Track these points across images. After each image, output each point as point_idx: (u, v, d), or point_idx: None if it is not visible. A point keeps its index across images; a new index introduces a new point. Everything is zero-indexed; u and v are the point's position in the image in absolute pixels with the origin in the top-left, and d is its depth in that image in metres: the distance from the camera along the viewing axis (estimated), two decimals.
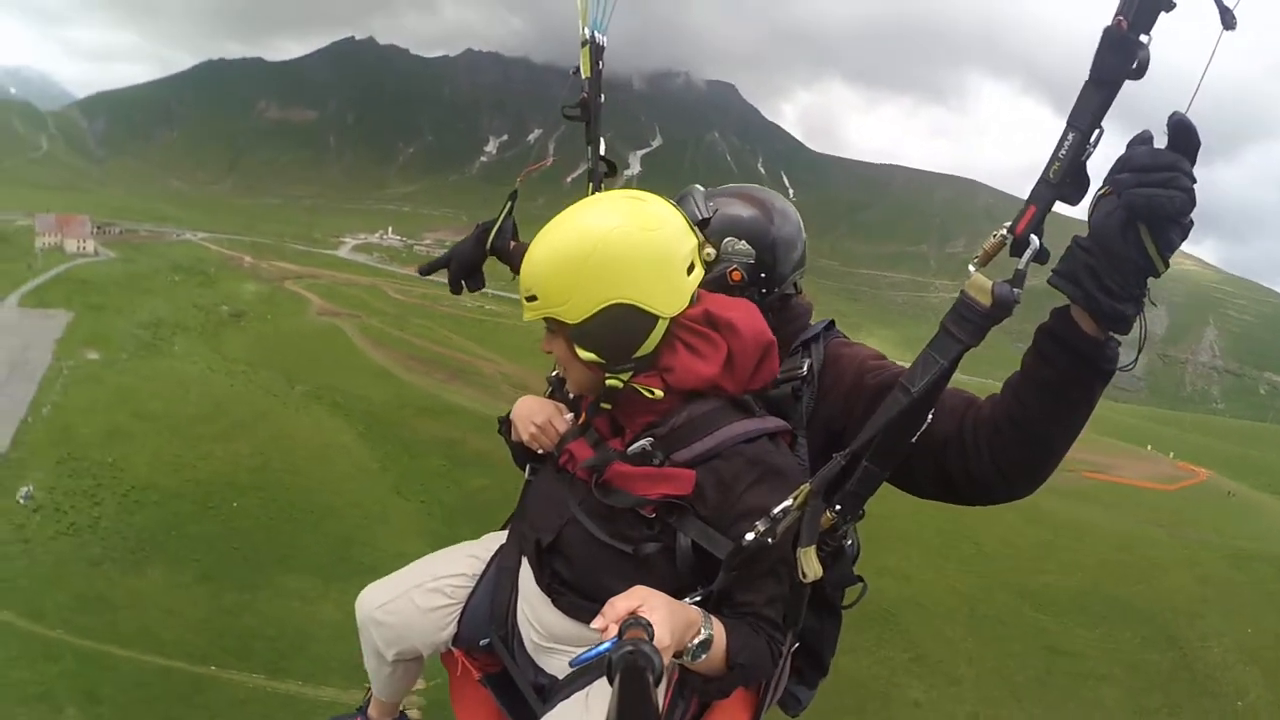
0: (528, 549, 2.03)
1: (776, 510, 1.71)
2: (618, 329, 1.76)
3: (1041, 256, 1.47)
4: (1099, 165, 1.39)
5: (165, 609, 38.28)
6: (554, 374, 2.18)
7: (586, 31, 2.62)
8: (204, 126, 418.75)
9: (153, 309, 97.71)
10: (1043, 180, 1.41)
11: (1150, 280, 1.45)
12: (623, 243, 1.72)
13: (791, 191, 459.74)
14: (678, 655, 1.56)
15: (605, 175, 2.75)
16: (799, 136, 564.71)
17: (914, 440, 1.65)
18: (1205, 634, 46.67)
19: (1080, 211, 1.46)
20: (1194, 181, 1.32)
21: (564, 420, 2.05)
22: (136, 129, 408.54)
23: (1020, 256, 1.46)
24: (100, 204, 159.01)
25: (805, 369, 2.09)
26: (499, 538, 2.34)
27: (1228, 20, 1.24)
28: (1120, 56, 1.29)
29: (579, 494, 1.90)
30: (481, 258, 2.58)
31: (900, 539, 48.46)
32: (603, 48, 2.68)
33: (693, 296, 1.82)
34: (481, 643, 2.22)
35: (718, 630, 1.65)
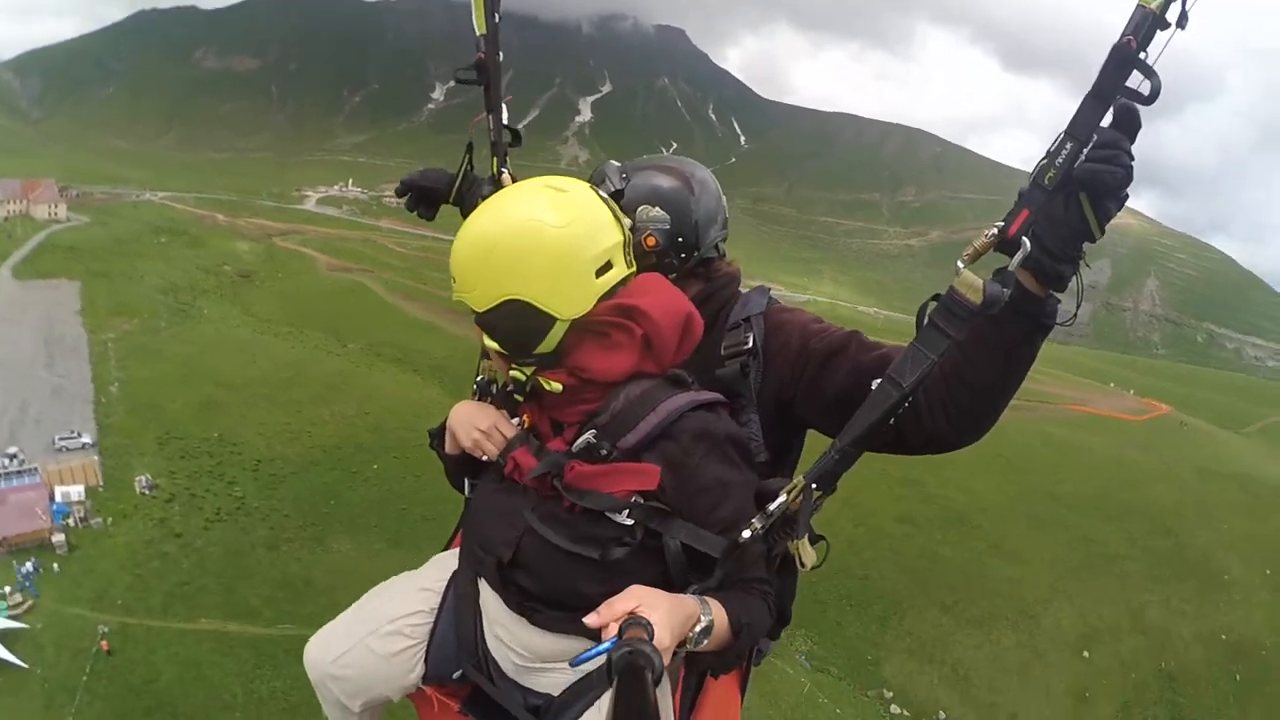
0: (486, 570, 1.97)
1: (772, 506, 1.76)
2: (515, 325, 1.77)
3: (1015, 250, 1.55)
4: None
5: (376, 581, 38.77)
6: (481, 378, 2.14)
7: None
8: (141, 80, 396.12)
9: (159, 273, 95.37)
10: (1036, 185, 1.49)
11: (1087, 243, 1.55)
12: (526, 239, 1.70)
13: (743, 139, 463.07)
14: (681, 646, 1.56)
15: (510, 145, 2.59)
16: (749, 84, 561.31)
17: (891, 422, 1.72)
18: (1191, 529, 60.77)
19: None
20: (1133, 160, 1.44)
21: (510, 425, 1.97)
22: (71, 86, 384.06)
23: (1011, 256, 1.54)
24: (44, 167, 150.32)
25: (750, 343, 2.13)
26: (447, 564, 2.25)
27: (1182, 21, 1.35)
28: (1124, 74, 1.40)
29: (531, 502, 1.85)
30: (443, 199, 2.52)
31: (946, 460, 54.84)
32: None
33: (608, 293, 1.79)
34: (454, 675, 2.14)
35: (717, 612, 1.66)
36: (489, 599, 2.00)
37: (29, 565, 38.81)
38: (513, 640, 1.95)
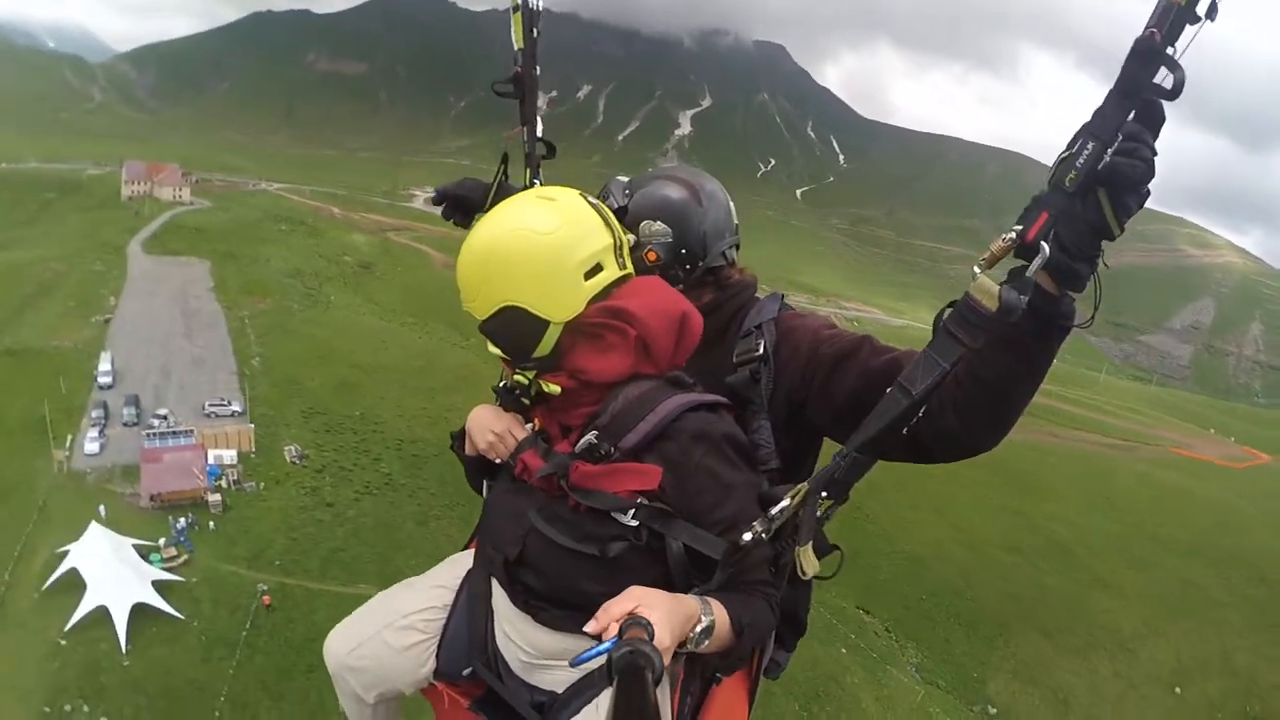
0: (495, 568, 2.00)
1: (775, 510, 1.75)
2: (512, 330, 1.81)
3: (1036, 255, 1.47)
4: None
5: None
6: (501, 384, 2.09)
7: None
8: (255, 78, 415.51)
9: (283, 258, 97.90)
10: (1056, 187, 1.41)
11: (1107, 242, 1.46)
12: (515, 247, 1.73)
13: (842, 158, 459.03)
14: (681, 646, 1.55)
15: (543, 158, 2.59)
16: (846, 101, 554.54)
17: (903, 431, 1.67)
18: None
19: None
20: (1155, 154, 1.36)
21: (523, 429, 2.00)
22: (187, 81, 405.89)
23: (1030, 261, 1.46)
24: (162, 153, 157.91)
25: (760, 349, 2.11)
26: (462, 562, 2.29)
27: (1212, 13, 1.26)
28: (1150, 69, 1.31)
29: (537, 502, 1.88)
30: (478, 208, 2.49)
31: (1052, 493, 67.17)
32: (538, 13, 2.47)
33: (600, 295, 1.80)
34: (464, 672, 2.17)
35: (718, 613, 1.65)
36: (499, 597, 2.04)
37: (182, 522, 39.67)
38: (519, 637, 1.99)
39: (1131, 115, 1.36)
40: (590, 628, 1.43)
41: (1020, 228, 1.44)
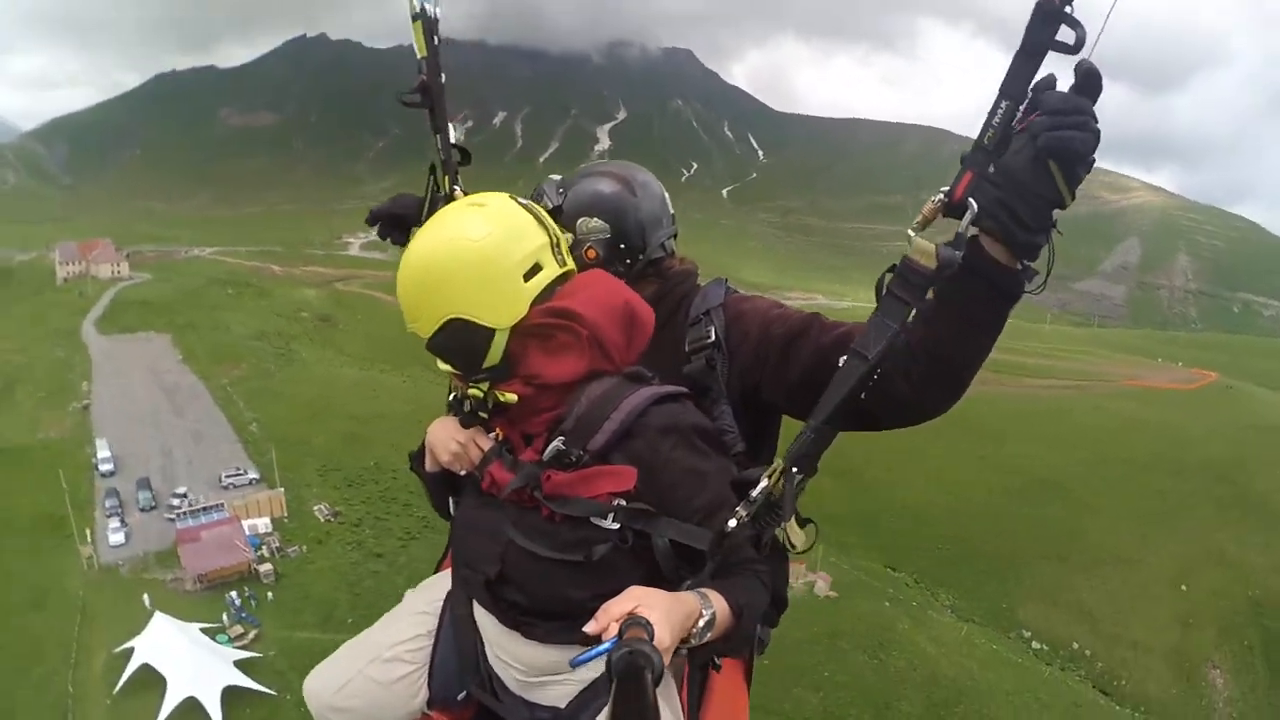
0: (474, 590, 1.97)
1: (754, 492, 1.76)
2: (459, 343, 1.78)
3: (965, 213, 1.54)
4: None
5: None
6: (453, 395, 2.03)
7: (416, 3, 2.35)
8: (167, 142, 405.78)
9: (243, 322, 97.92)
10: (978, 147, 1.48)
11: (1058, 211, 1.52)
12: (449, 257, 1.71)
13: (761, 154, 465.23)
14: (685, 642, 1.54)
15: (460, 164, 2.54)
16: (757, 96, 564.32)
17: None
18: (1250, 477, 66.32)
19: None
20: (1098, 122, 1.42)
21: (486, 438, 1.95)
22: (99, 152, 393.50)
23: (960, 219, 1.53)
24: (85, 230, 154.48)
25: (712, 336, 2.13)
26: (438, 585, 2.23)
27: None
28: (1052, 28, 1.37)
29: (510, 516, 1.85)
30: (414, 223, 2.44)
31: (1022, 436, 73.38)
32: (437, 20, 2.39)
33: (543, 295, 1.79)
34: (459, 696, 2.12)
35: (717, 602, 1.63)
36: (483, 617, 1.98)
37: (234, 596, 39.34)
38: (511, 656, 1.94)
39: (1073, 86, 1.43)
40: (590, 628, 1.40)
41: (948, 189, 1.53)
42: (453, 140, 2.46)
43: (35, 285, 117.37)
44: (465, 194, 2.32)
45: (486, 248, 1.71)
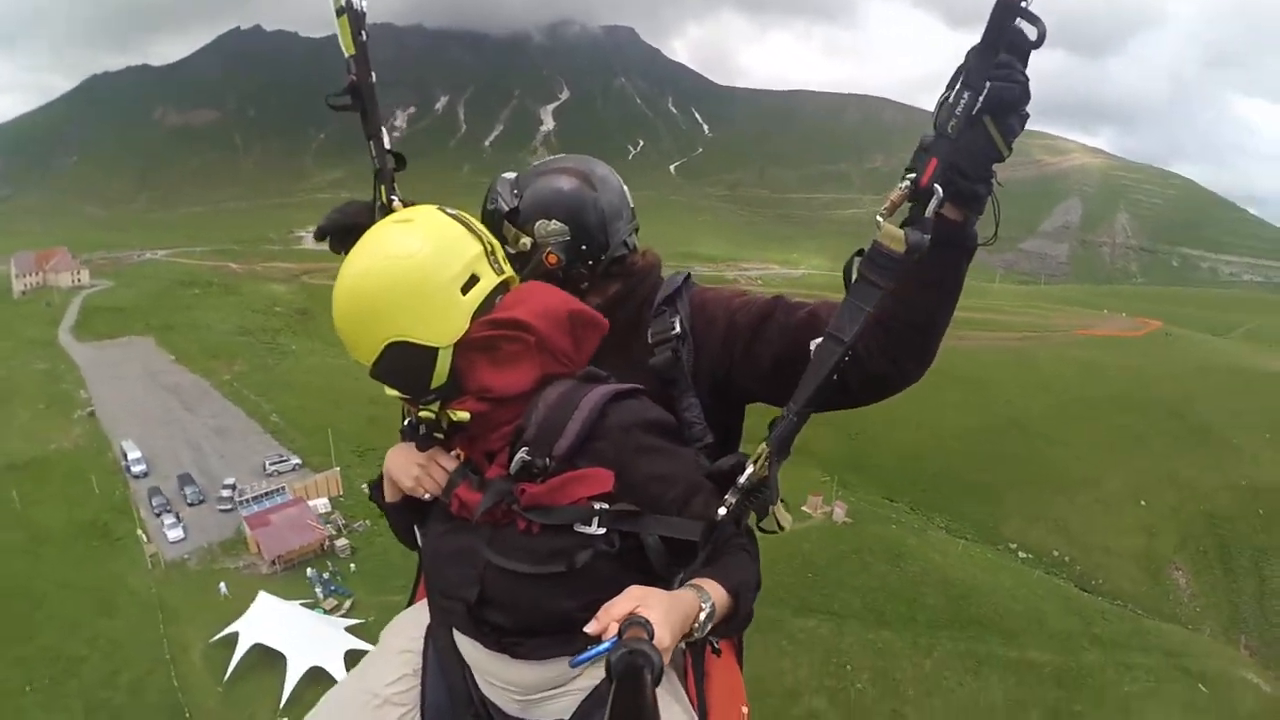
0: (456, 619, 1.88)
1: (743, 479, 1.74)
2: (402, 366, 1.71)
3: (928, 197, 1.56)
4: None
5: None
6: (406, 421, 1.94)
7: None
8: (104, 145, 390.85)
9: (221, 320, 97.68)
10: (941, 135, 1.52)
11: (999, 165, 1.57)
12: (381, 280, 1.65)
13: (706, 128, 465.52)
14: (687, 637, 1.53)
15: (395, 170, 2.35)
16: (701, 72, 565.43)
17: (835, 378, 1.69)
18: (1197, 411, 74.43)
19: None
20: (1027, 79, 1.48)
21: (448, 458, 1.87)
22: (35, 160, 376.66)
23: (926, 205, 1.55)
24: (30, 241, 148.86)
25: (677, 328, 2.08)
26: (416, 620, 2.11)
27: None
28: (1011, 23, 1.43)
29: (485, 536, 1.77)
30: (365, 231, 2.03)
31: (993, 382, 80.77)
32: (363, 14, 2.20)
33: (483, 307, 1.74)
34: None
35: (715, 592, 1.62)
36: (467, 645, 1.91)
37: (311, 573, 40.91)
38: (502, 680, 1.89)
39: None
40: (590, 628, 1.35)
41: (914, 175, 1.54)
42: (387, 145, 2.33)
43: None
44: (405, 203, 2.29)
45: (418, 265, 1.66)
